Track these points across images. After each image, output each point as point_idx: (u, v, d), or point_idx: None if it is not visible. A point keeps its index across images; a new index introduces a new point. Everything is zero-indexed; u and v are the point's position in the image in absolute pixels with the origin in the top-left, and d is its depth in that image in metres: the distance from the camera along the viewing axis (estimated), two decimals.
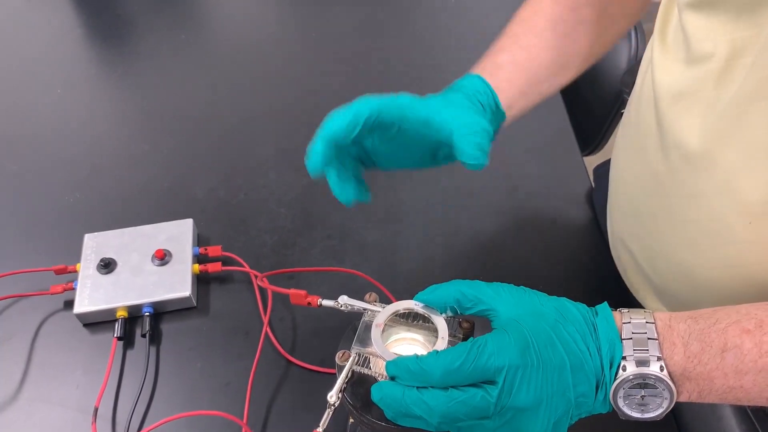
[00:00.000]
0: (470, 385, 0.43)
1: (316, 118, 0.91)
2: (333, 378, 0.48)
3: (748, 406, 0.64)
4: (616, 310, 0.47)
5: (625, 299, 0.72)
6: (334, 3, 1.10)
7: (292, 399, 0.65)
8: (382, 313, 0.49)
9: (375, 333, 0.48)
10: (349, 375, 0.47)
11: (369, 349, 0.48)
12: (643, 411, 0.45)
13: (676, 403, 0.45)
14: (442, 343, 0.47)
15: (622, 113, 0.97)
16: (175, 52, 1.04)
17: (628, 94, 0.73)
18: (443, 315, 0.48)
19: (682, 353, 0.44)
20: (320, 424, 0.47)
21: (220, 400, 0.65)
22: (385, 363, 0.46)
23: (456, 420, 0.43)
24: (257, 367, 0.66)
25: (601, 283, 0.74)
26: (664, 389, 0.44)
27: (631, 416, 0.45)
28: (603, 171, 0.90)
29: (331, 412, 0.47)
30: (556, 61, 0.64)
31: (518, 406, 0.43)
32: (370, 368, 0.48)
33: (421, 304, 0.49)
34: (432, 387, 0.44)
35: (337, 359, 0.48)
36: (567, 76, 0.66)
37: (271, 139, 0.90)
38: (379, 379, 0.47)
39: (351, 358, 0.48)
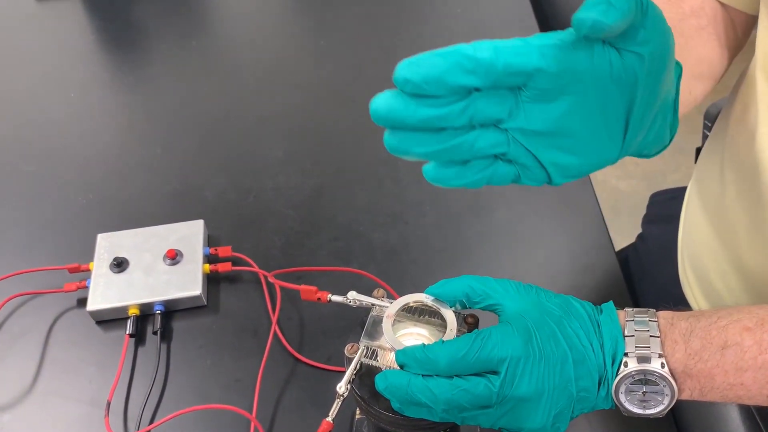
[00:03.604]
0: (474, 374, 0.45)
1: (324, 121, 0.94)
2: (339, 375, 0.49)
3: (753, 406, 0.65)
4: (621, 309, 0.48)
5: (629, 304, 0.73)
6: (343, 8, 1.12)
7: (300, 395, 0.66)
8: (393, 304, 0.50)
9: (386, 324, 0.49)
10: (358, 367, 0.49)
11: (377, 342, 0.49)
12: (644, 407, 0.45)
13: (678, 401, 0.46)
14: (450, 335, 0.48)
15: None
16: (186, 58, 1.05)
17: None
18: (452, 308, 0.50)
19: (683, 350, 0.45)
20: (329, 414, 0.48)
21: (230, 395, 0.66)
22: (392, 355, 0.47)
23: (459, 408, 0.45)
24: (266, 365, 0.67)
25: (608, 287, 0.75)
26: (665, 386, 0.45)
27: (633, 412, 0.46)
28: (661, 198, 0.91)
29: (339, 403, 0.48)
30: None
31: (520, 396, 0.44)
32: (377, 361, 0.49)
33: (431, 297, 0.50)
34: (437, 376, 0.45)
35: (346, 351, 0.49)
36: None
37: (280, 142, 0.91)
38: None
39: (360, 351, 0.49)
